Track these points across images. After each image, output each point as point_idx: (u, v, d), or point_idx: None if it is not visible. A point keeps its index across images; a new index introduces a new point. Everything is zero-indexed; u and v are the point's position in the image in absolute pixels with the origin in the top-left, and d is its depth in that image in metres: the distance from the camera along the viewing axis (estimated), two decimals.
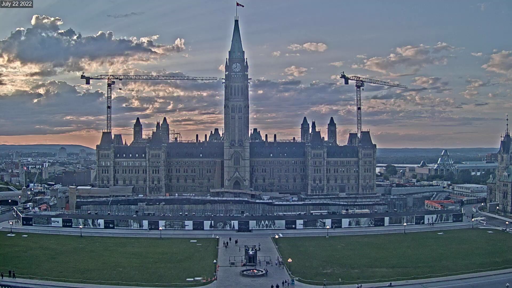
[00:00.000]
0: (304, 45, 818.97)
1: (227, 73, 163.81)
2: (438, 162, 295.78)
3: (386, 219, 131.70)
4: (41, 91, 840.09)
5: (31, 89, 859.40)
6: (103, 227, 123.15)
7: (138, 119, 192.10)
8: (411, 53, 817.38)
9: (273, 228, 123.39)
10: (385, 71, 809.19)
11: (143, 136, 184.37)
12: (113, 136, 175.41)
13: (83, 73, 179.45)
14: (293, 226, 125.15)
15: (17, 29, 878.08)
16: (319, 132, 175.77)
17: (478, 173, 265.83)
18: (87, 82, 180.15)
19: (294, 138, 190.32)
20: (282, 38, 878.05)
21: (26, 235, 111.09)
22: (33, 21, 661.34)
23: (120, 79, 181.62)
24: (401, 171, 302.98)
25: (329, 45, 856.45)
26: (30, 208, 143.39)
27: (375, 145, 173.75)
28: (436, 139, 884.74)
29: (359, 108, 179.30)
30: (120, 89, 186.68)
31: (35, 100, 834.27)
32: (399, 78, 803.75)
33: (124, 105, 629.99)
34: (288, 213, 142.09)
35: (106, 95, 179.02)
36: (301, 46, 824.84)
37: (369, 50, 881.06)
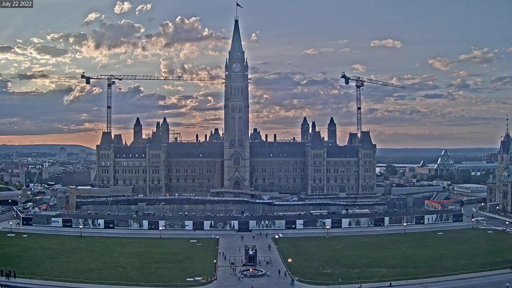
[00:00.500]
0: (382, 42, 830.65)
1: (227, 73, 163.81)
2: (438, 162, 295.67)
3: (386, 219, 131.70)
4: (79, 87, 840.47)
5: (72, 84, 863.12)
6: (103, 227, 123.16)
7: (138, 119, 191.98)
8: (479, 53, 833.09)
9: (273, 228, 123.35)
10: (448, 68, 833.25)
11: (143, 136, 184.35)
12: (113, 136, 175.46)
13: (83, 72, 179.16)
14: (293, 226, 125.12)
15: (91, 15, 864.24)
16: (319, 132, 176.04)
17: (478, 173, 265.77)
18: (87, 82, 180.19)
19: (294, 138, 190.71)
20: (363, 34, 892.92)
21: (26, 235, 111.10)
22: (116, 9, 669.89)
23: (120, 79, 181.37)
24: (401, 171, 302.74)
25: (405, 42, 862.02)
26: (30, 208, 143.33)
27: (375, 145, 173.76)
28: (445, 139, 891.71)
29: (359, 108, 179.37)
30: (120, 89, 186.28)
31: (70, 97, 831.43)
32: (462, 77, 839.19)
33: (162, 102, 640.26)
34: (288, 213, 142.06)
35: (105, 94, 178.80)
36: (379, 42, 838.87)
37: (439, 49, 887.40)
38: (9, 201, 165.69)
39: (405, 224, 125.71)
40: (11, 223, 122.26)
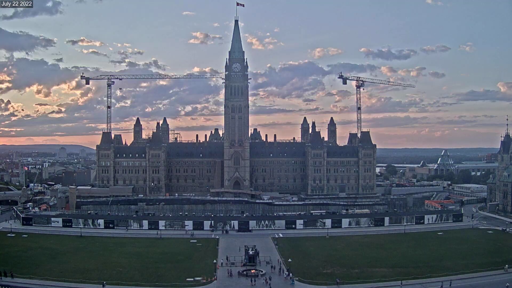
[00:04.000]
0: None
1: (227, 73, 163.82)
2: (438, 162, 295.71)
3: (386, 219, 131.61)
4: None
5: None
6: (103, 227, 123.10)
7: (138, 119, 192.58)
8: None
9: (273, 228, 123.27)
10: None
11: (143, 136, 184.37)
12: (113, 136, 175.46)
13: (82, 73, 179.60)
14: (293, 226, 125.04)
15: None
16: (319, 132, 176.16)
17: (478, 173, 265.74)
18: (87, 83, 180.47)
19: (294, 138, 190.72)
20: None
21: (26, 235, 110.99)
22: None
23: (120, 79, 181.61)
24: (401, 171, 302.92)
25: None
26: (30, 208, 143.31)
27: (375, 145, 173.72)
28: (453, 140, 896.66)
29: (359, 108, 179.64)
30: (120, 88, 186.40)
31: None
32: None
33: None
34: (288, 213, 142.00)
35: (106, 95, 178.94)
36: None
37: None
38: (9, 201, 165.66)
39: (405, 224, 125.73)
40: (10, 223, 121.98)
